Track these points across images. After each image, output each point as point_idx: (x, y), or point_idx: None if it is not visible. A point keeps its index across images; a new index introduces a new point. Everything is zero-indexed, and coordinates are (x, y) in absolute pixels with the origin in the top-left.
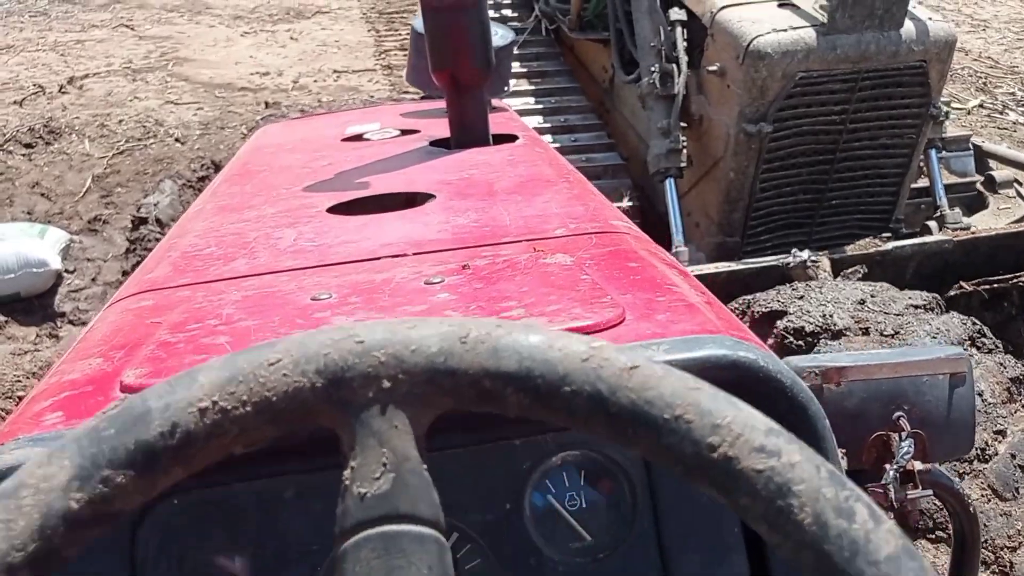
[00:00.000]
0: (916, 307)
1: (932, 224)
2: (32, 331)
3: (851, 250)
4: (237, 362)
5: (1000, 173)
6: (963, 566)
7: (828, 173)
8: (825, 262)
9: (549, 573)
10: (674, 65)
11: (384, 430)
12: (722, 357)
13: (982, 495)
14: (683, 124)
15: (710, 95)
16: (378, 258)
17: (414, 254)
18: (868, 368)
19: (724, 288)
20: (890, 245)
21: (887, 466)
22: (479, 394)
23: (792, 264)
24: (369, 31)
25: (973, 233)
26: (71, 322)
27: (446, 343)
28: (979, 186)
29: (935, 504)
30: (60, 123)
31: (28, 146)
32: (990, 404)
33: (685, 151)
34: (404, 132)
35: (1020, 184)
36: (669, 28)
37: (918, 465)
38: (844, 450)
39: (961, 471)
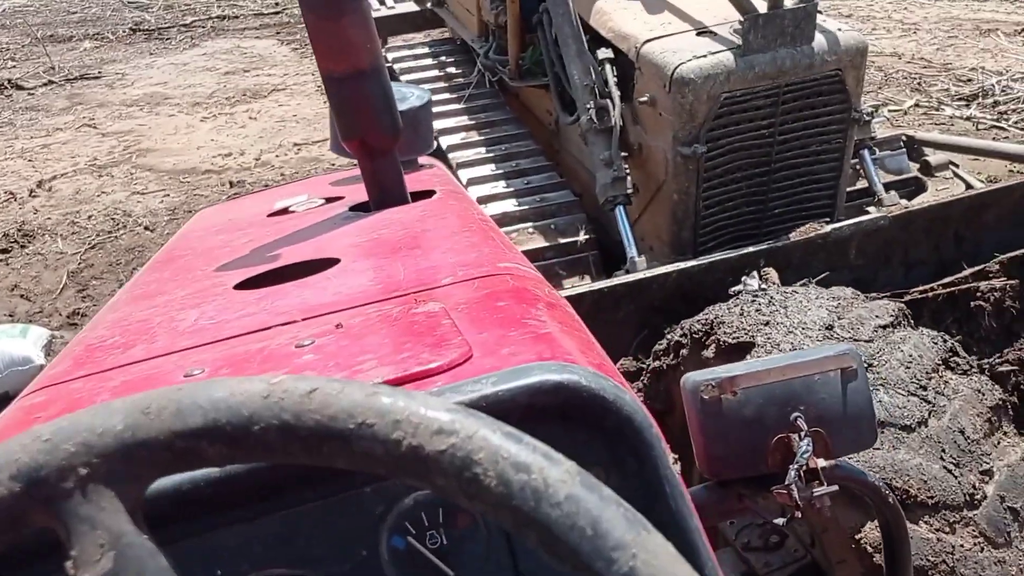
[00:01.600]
0: (884, 327)
1: (871, 208)
2: None
3: (793, 237)
4: None
5: (935, 157)
6: (896, 564)
7: (767, 184)
8: (774, 274)
9: None
10: (608, 100)
11: (93, 514)
12: (546, 382)
13: (975, 544)
14: (624, 154)
15: (645, 124)
16: (269, 327)
17: (303, 319)
18: (760, 374)
19: (677, 288)
20: (828, 228)
21: (790, 466)
22: (176, 456)
23: (744, 291)
24: (325, 103)
25: (908, 208)
26: None
27: (130, 418)
28: (916, 171)
29: None
30: (33, 226)
31: (4, 251)
32: (973, 441)
33: (629, 179)
34: (328, 200)
35: (956, 166)
36: (599, 67)
37: (821, 462)
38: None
39: (951, 520)
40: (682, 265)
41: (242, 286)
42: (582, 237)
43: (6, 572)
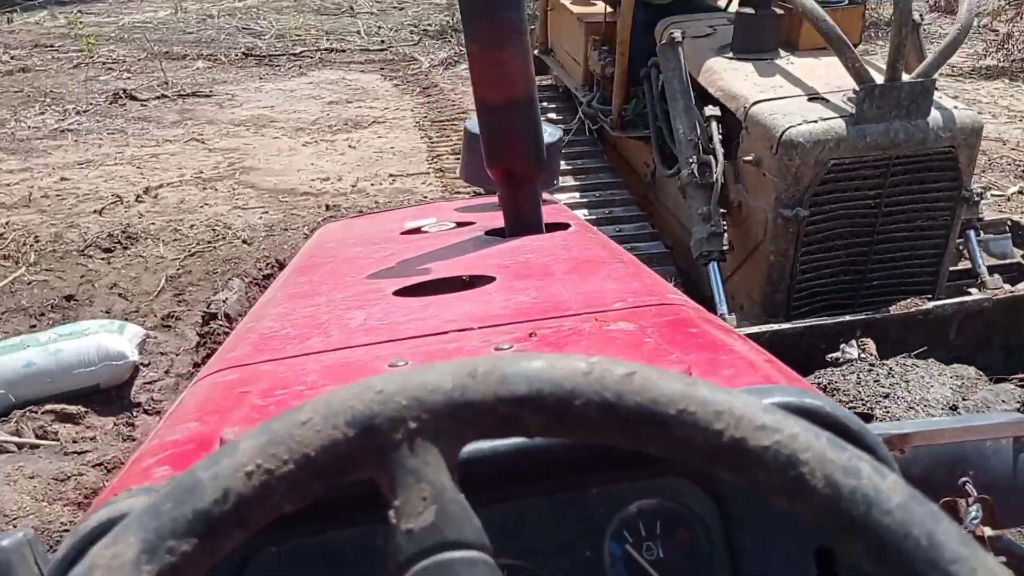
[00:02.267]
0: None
1: (973, 290)
2: (109, 421)
3: (893, 310)
4: (272, 427)
5: None
6: None
7: (867, 255)
8: (872, 345)
9: None
10: (711, 156)
11: (419, 467)
12: (790, 404)
13: None
14: (723, 211)
15: (747, 183)
16: (445, 332)
17: (479, 327)
18: (931, 434)
19: (769, 350)
20: (930, 305)
21: None
22: (498, 420)
23: (841, 361)
24: (422, 138)
25: (1013, 292)
26: (146, 412)
27: (458, 379)
28: (1020, 257)
29: None
30: (137, 229)
31: (107, 251)
32: None
33: (726, 235)
34: (460, 224)
35: None
36: (705, 123)
37: (987, 531)
38: None
39: None
40: (776, 326)
41: (400, 294)
42: None
43: (325, 521)
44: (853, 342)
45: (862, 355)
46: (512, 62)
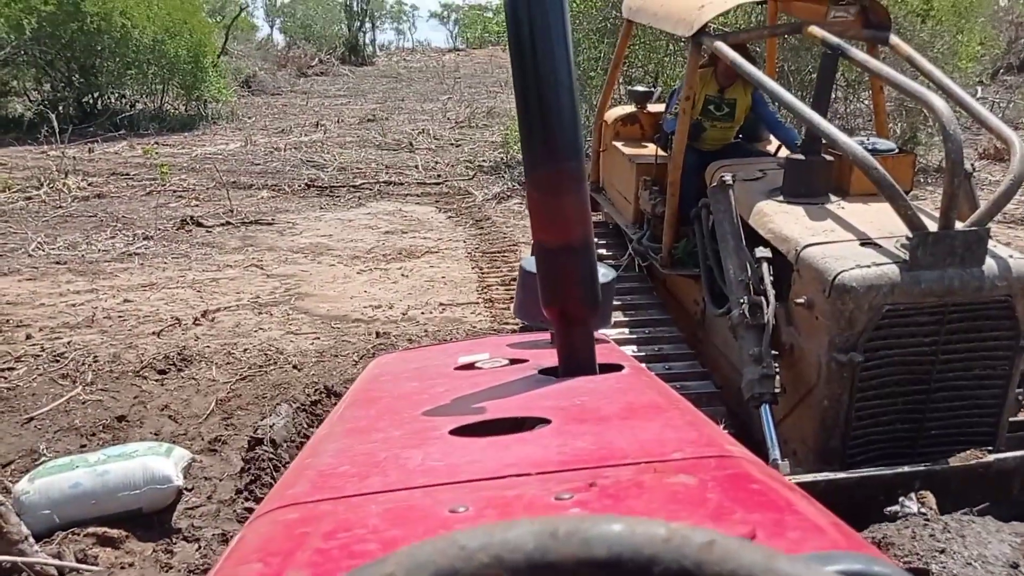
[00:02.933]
0: None
1: None
2: (149, 547)
3: (952, 462)
4: None
5: None
6: None
7: (924, 403)
8: (931, 498)
9: None
10: (762, 297)
11: None
12: (860, 573)
13: None
14: (774, 352)
15: (799, 326)
16: (504, 476)
17: (537, 473)
18: None
19: (824, 499)
20: (992, 458)
21: None
22: None
23: (900, 515)
24: (473, 268)
25: None
26: (185, 539)
27: (540, 540)
28: None
29: None
30: (192, 352)
31: (162, 372)
32: None
33: (778, 378)
34: (512, 361)
35: None
36: (756, 264)
37: None
38: None
39: None
40: (832, 476)
41: (456, 433)
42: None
43: None
44: (912, 495)
45: (921, 509)
46: (571, 208)
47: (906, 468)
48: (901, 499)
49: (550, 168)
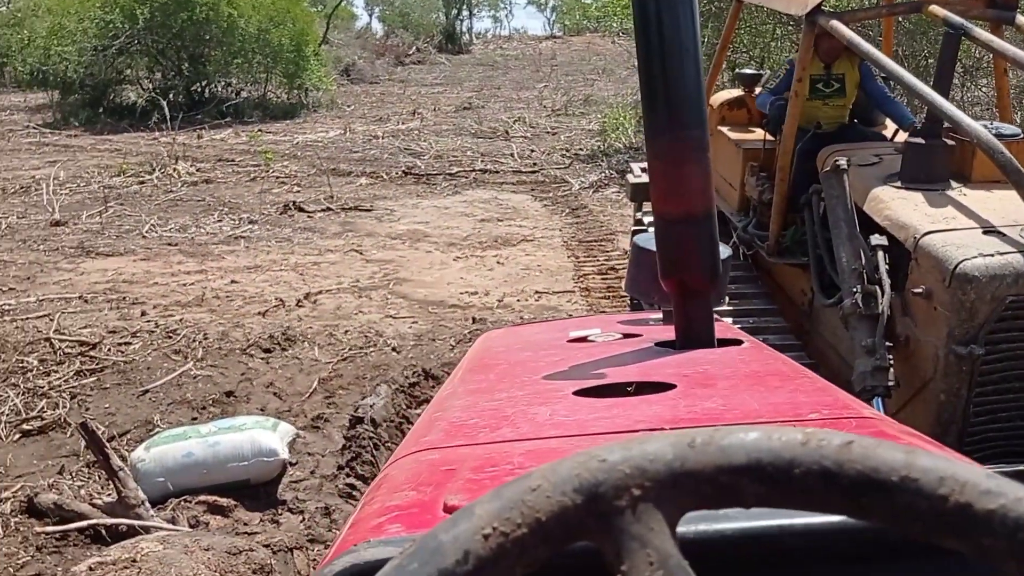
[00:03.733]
0: None
1: None
2: (256, 516)
3: None
4: (504, 493)
5: None
6: None
7: None
8: None
9: None
10: (877, 286)
11: (644, 533)
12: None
13: None
14: (888, 344)
15: (916, 317)
16: (636, 430)
17: (671, 428)
18: None
19: None
20: None
21: None
22: (717, 490)
23: None
24: (569, 257)
25: None
26: (290, 510)
27: (678, 450)
28: None
29: None
30: (295, 332)
31: (267, 351)
32: None
33: (891, 371)
34: (626, 336)
35: None
36: (871, 252)
37: None
38: None
39: None
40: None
41: (580, 393)
42: None
43: None
44: None
45: None
46: (693, 178)
47: None
48: None
49: (673, 136)
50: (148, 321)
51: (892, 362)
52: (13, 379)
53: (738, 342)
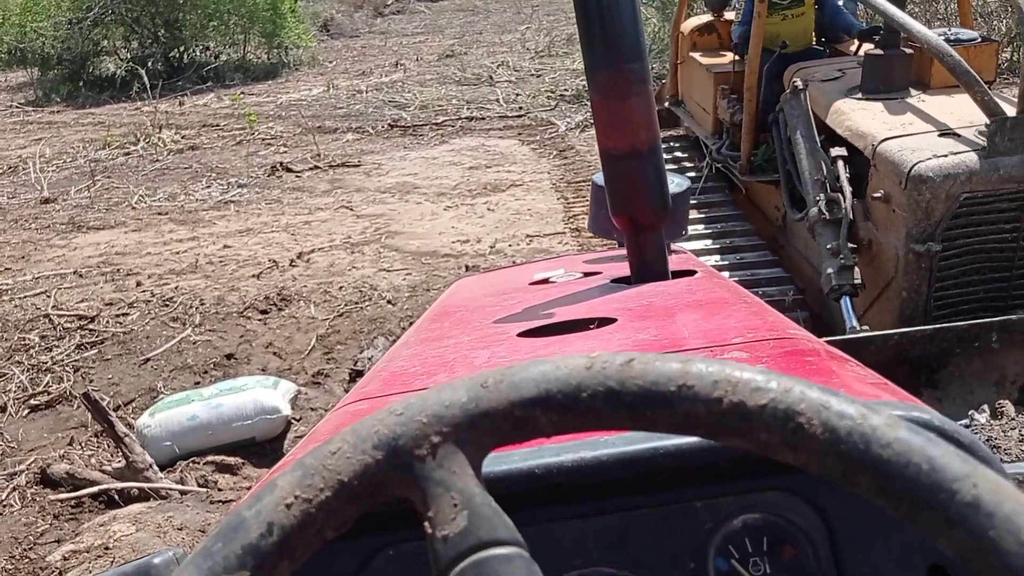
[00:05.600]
0: None
1: None
2: (264, 472)
3: None
4: (305, 461)
5: None
6: None
7: (1007, 290)
8: (1010, 407)
9: None
10: (839, 194)
11: (447, 478)
12: (916, 418)
13: None
14: (852, 246)
15: (877, 220)
16: None
17: None
18: None
19: (899, 352)
20: None
21: None
22: (513, 424)
23: (972, 427)
24: (558, 199)
25: None
26: None
27: (472, 392)
28: None
29: None
30: (291, 292)
31: (264, 312)
32: None
33: (856, 269)
34: (587, 274)
35: None
36: (832, 163)
37: None
38: None
39: None
40: (906, 329)
41: (524, 335)
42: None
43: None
44: (984, 407)
45: (991, 421)
46: (636, 112)
47: (984, 419)
48: (971, 412)
49: (612, 70)
50: (144, 291)
51: (857, 264)
52: (17, 357)
53: (692, 273)
